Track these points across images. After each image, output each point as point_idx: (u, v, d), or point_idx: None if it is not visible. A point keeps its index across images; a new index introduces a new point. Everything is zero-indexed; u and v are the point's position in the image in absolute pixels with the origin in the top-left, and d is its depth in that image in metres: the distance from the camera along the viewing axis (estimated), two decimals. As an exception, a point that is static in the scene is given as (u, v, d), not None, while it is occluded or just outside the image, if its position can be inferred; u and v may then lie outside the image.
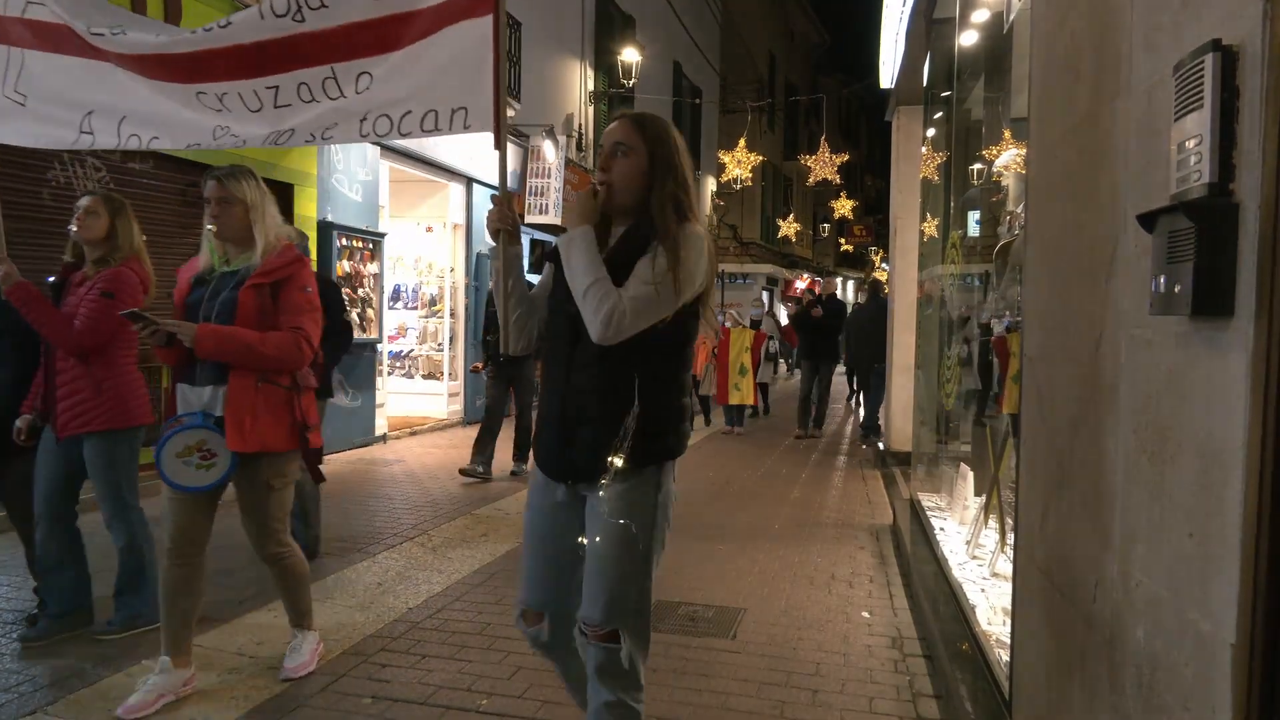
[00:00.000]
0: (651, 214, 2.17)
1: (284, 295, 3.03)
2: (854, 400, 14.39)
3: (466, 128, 2.67)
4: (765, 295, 20.25)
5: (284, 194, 7.81)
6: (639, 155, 2.20)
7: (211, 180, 3.09)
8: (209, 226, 3.05)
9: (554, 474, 2.24)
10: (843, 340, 11.88)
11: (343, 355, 5.04)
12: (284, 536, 3.18)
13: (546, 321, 2.33)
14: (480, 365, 7.77)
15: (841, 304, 10.99)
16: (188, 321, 2.92)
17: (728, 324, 11.13)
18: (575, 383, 2.17)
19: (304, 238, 3.34)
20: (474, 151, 10.78)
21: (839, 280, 31.54)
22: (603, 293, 2.05)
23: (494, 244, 2.40)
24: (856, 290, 16.02)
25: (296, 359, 3.02)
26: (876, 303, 10.42)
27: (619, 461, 2.10)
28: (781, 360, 21.36)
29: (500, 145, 2.58)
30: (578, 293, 2.09)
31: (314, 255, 8.12)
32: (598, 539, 2.14)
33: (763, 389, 12.93)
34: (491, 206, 2.40)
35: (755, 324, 11.85)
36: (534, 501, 2.35)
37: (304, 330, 3.02)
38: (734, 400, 10.76)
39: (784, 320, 13.13)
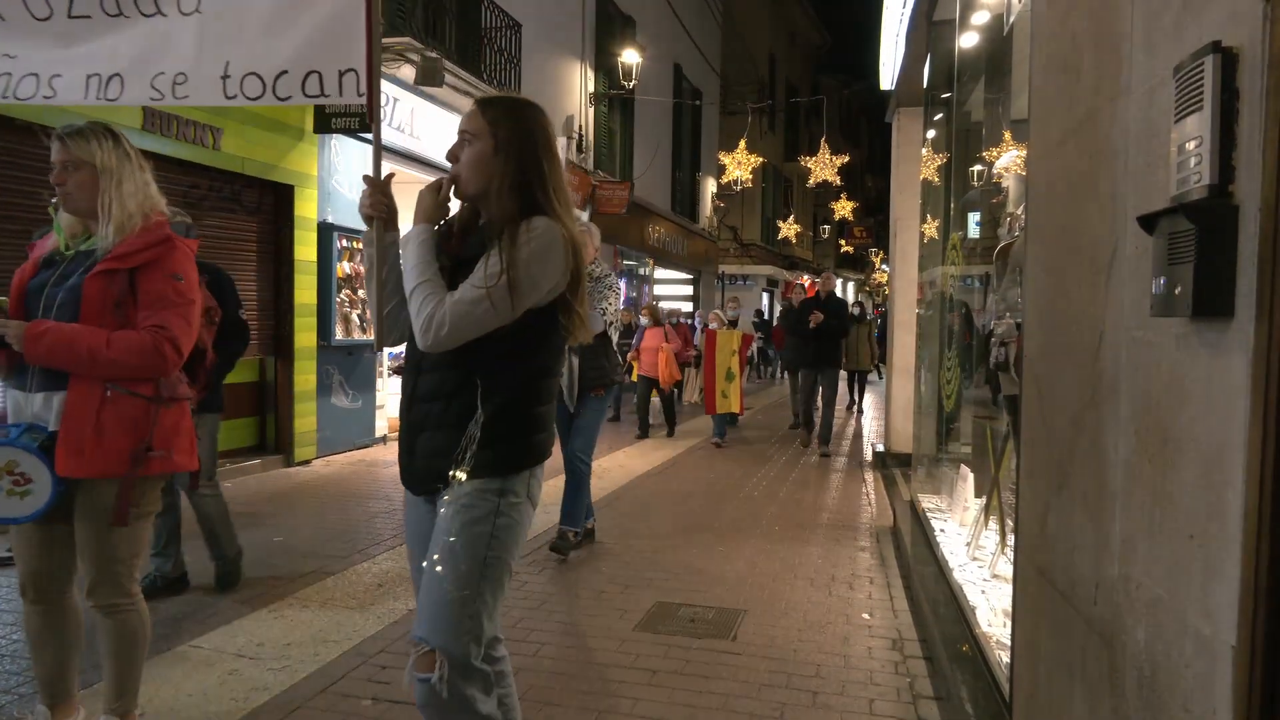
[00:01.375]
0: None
1: (145, 285, 2.43)
2: (851, 406, 13.93)
3: (360, 95, 2.34)
4: (765, 296, 19.84)
5: (284, 195, 7.82)
6: (484, 140, 2.00)
7: (55, 140, 2.48)
8: (54, 199, 2.50)
9: (404, 482, 2.11)
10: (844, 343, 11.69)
11: (237, 360, 4.27)
12: (129, 584, 2.54)
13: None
14: None
15: (843, 302, 10.02)
16: (16, 317, 2.40)
17: (712, 325, 10.43)
18: (420, 388, 2.03)
19: (186, 221, 2.81)
20: (474, 153, 10.78)
21: (838, 279, 31.36)
22: (424, 296, 1.91)
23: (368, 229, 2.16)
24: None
25: (155, 365, 2.41)
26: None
27: (459, 473, 1.95)
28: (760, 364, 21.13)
29: (373, 118, 2.31)
30: (407, 296, 1.96)
31: (314, 257, 8.15)
32: (433, 554, 1.95)
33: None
34: (364, 190, 2.17)
35: (733, 324, 11.25)
36: (407, 514, 2.19)
37: (168, 330, 2.42)
38: (722, 409, 9.85)
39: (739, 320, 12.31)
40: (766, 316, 24.32)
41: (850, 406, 13.97)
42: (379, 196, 2.14)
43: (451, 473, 1.96)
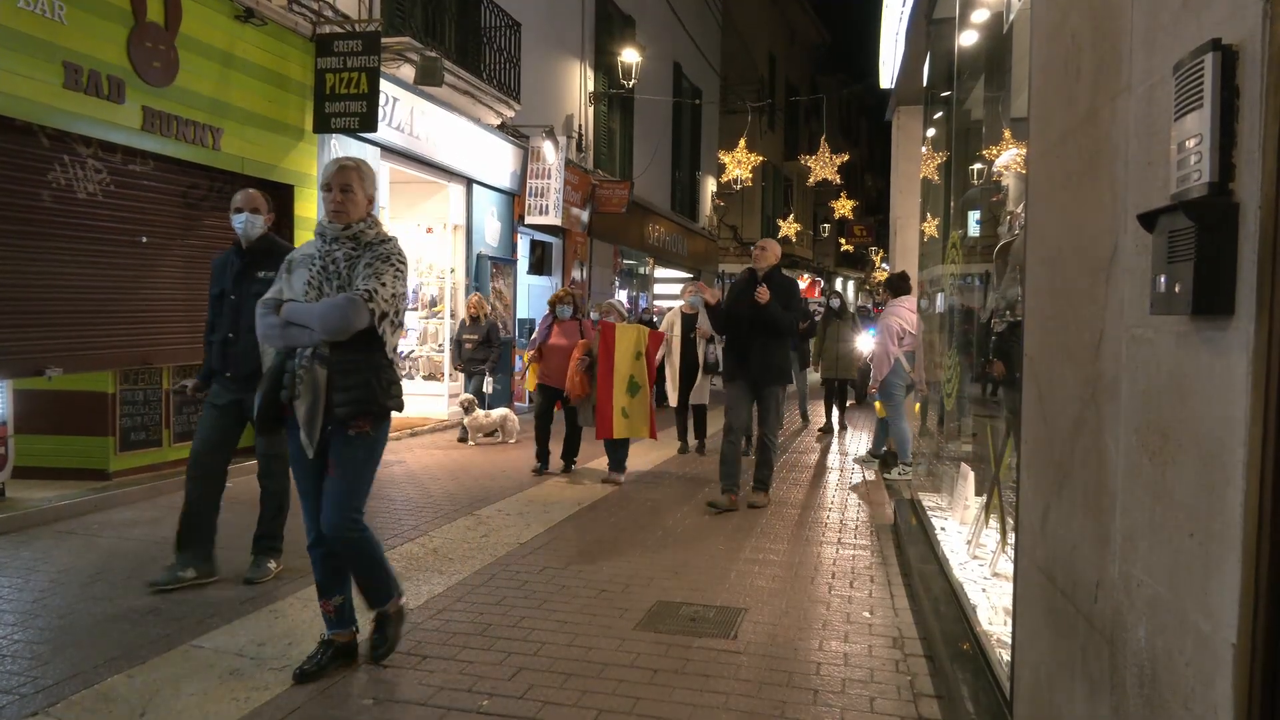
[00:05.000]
0: None
1: None
2: (830, 430, 10.63)
3: None
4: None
5: (284, 195, 7.82)
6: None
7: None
8: None
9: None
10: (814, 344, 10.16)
11: None
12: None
13: None
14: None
15: (791, 282, 6.54)
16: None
17: (611, 318, 7.44)
18: None
19: None
20: (474, 153, 10.79)
21: (839, 279, 30.97)
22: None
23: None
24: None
25: None
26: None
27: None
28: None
29: None
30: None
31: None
32: None
33: (699, 414, 8.91)
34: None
35: (691, 320, 8.36)
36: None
37: None
38: (624, 433, 6.96)
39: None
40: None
41: (828, 430, 10.68)
42: None
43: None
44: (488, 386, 9.75)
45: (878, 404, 8.12)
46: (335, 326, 3.03)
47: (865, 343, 10.35)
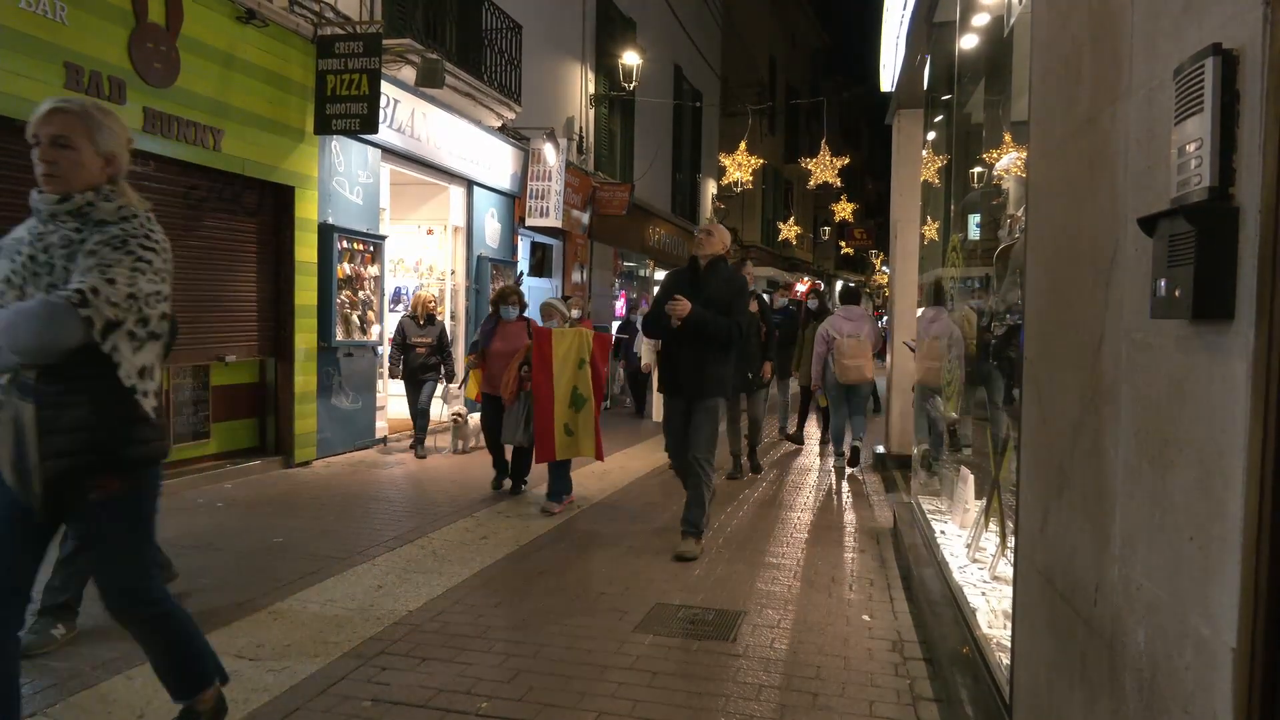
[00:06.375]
0: None
1: None
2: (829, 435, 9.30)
3: None
4: (765, 298, 18.15)
5: (284, 196, 7.82)
6: None
7: None
8: None
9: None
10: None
11: None
12: None
13: None
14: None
15: (740, 279, 5.60)
16: None
17: (552, 322, 6.39)
18: None
19: None
20: (475, 154, 10.79)
21: (841, 280, 30.81)
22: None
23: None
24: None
25: None
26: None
27: None
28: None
29: None
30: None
31: (315, 258, 8.15)
32: None
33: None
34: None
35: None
36: None
37: None
38: (567, 453, 6.05)
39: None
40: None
41: (798, 440, 9.96)
42: None
43: None
44: (445, 396, 8.82)
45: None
46: (29, 344, 2.13)
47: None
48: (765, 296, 9.45)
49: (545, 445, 5.98)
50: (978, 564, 4.21)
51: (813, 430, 10.85)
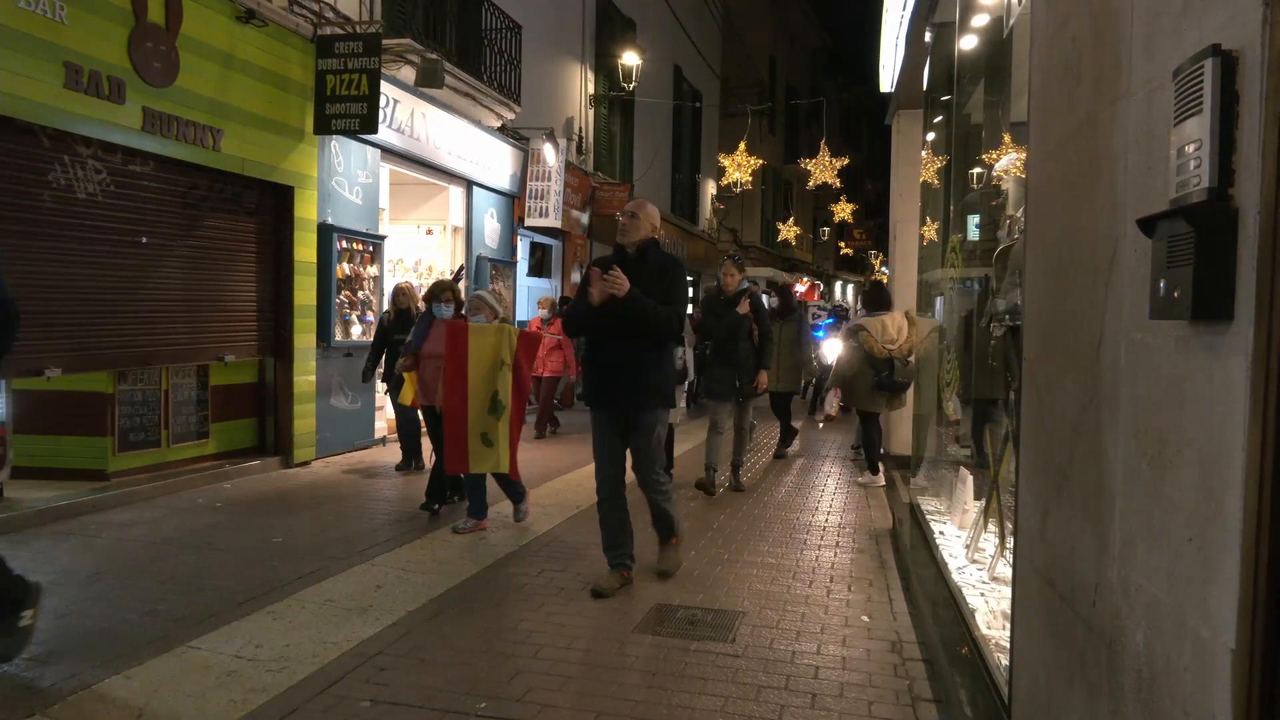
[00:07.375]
0: None
1: None
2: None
3: None
4: (765, 300, 16.27)
5: (284, 196, 7.82)
6: None
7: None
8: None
9: None
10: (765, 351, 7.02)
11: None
12: None
13: None
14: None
15: (676, 264, 4.48)
16: None
17: (480, 317, 5.65)
18: None
19: None
20: (474, 154, 10.78)
21: (840, 282, 30.62)
22: None
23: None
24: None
25: None
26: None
27: None
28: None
29: None
30: None
31: (314, 258, 8.15)
32: None
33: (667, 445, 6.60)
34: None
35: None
36: None
37: None
38: (481, 466, 5.36)
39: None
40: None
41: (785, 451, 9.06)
42: None
43: None
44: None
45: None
46: None
47: (832, 348, 9.59)
48: (763, 297, 8.51)
49: (457, 455, 5.31)
50: (977, 565, 4.21)
51: (813, 433, 10.85)
